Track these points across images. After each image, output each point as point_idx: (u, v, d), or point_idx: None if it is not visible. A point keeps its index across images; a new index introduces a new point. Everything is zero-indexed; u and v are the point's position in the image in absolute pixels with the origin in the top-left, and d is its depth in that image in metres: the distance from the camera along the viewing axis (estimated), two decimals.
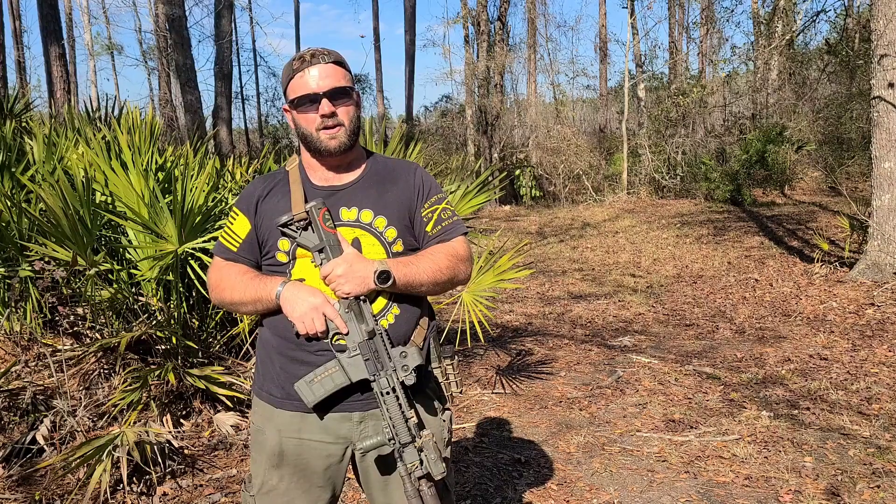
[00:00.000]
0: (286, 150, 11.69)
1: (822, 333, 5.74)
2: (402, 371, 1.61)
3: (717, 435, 3.80)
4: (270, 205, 1.74)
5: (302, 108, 1.67)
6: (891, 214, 7.13)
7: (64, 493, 3.05)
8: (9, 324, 3.98)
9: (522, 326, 6.56)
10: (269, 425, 1.76)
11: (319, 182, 1.75)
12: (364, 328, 1.62)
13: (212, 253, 1.83)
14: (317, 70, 1.65)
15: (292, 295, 1.63)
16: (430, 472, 1.60)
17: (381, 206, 1.72)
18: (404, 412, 1.60)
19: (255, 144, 25.05)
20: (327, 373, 1.63)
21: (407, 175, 1.78)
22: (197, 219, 3.74)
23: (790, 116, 16.36)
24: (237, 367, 4.13)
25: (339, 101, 1.67)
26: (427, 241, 1.76)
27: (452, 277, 1.75)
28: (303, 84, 1.65)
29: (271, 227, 1.70)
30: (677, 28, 21.01)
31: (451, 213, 1.79)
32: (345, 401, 1.68)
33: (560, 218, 14.71)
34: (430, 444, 1.60)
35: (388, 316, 1.68)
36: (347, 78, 1.70)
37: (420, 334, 1.72)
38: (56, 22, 12.22)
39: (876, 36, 7.10)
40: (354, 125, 1.69)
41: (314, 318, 1.61)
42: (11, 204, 3.78)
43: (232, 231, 1.77)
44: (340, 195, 1.73)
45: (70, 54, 23.59)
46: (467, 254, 1.80)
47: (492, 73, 19.38)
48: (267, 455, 1.75)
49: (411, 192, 1.76)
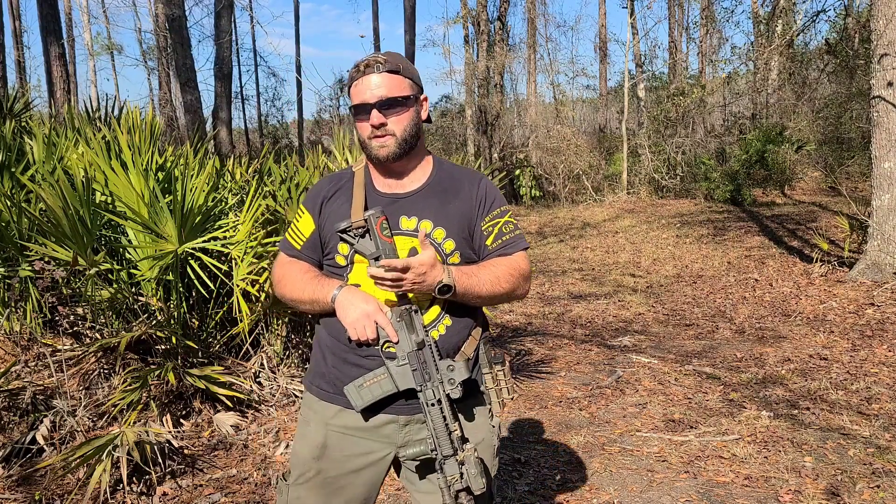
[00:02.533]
0: (286, 150, 11.69)
1: (822, 333, 5.74)
2: (449, 384, 1.63)
3: (716, 435, 3.80)
4: (333, 207, 1.76)
5: (358, 117, 1.69)
6: (891, 214, 7.13)
7: (64, 493, 3.05)
8: (9, 324, 3.98)
9: (522, 326, 6.56)
10: (315, 417, 1.79)
11: (382, 188, 1.76)
12: (414, 339, 1.64)
13: (278, 249, 1.89)
14: (370, 80, 1.66)
15: (346, 300, 1.66)
16: (470, 486, 1.62)
17: (442, 218, 1.71)
18: (448, 425, 1.63)
19: (255, 144, 25.06)
20: (376, 379, 1.66)
21: (471, 186, 1.77)
22: (197, 219, 3.74)
23: (790, 116, 16.36)
24: (237, 367, 4.14)
25: (391, 111, 1.66)
26: (486, 254, 1.76)
27: (511, 292, 1.75)
28: (357, 93, 1.67)
29: (332, 229, 1.72)
30: (677, 28, 21.02)
31: (513, 227, 1.78)
32: (391, 405, 1.71)
33: (560, 218, 14.72)
34: (472, 459, 1.62)
35: (440, 327, 1.70)
36: (404, 86, 1.68)
37: (471, 345, 1.73)
38: (56, 22, 12.22)
39: (876, 36, 7.10)
40: (408, 133, 1.69)
41: (366, 325, 1.64)
42: (11, 204, 3.78)
43: (297, 229, 1.81)
44: (402, 203, 1.73)
45: (70, 54, 23.58)
46: (528, 269, 1.79)
47: (492, 73, 19.39)
48: (309, 447, 1.78)
49: (473, 203, 1.75)
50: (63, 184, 3.52)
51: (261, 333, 4.23)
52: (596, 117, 28.35)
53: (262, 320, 4.17)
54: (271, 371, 4.21)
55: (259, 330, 4.21)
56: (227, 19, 16.15)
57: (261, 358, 4.22)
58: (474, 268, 1.71)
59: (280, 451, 3.57)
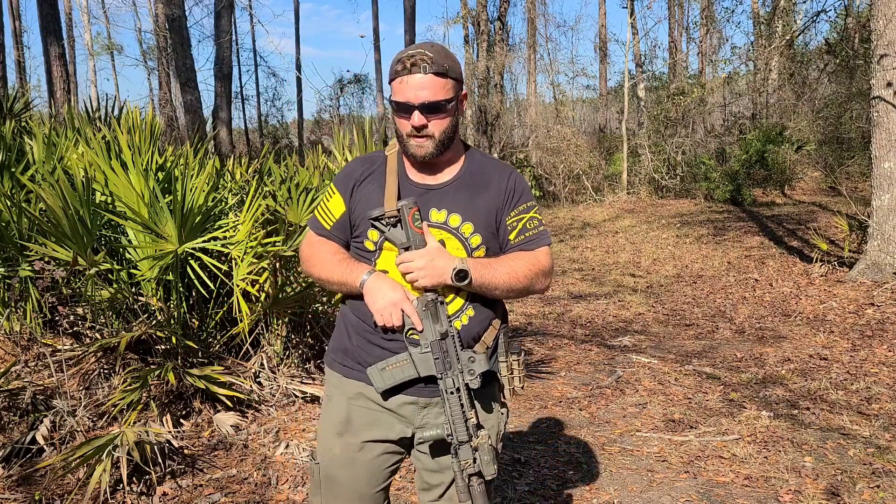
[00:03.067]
0: (286, 150, 11.68)
1: (822, 333, 5.74)
2: (469, 375, 1.67)
3: (716, 435, 3.80)
4: (366, 192, 1.77)
5: (398, 113, 1.68)
6: (891, 214, 7.13)
7: (64, 493, 3.05)
8: (9, 324, 3.98)
9: (522, 326, 6.56)
10: (337, 392, 1.84)
11: (415, 177, 1.77)
12: (438, 328, 1.68)
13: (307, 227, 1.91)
14: (416, 79, 1.63)
15: (375, 287, 1.69)
16: (482, 471, 1.68)
17: (471, 212, 1.73)
18: (465, 412, 1.67)
19: (255, 144, 25.06)
20: (398, 364, 1.71)
21: (500, 180, 1.78)
22: (197, 219, 3.74)
23: (790, 116, 16.35)
24: (237, 367, 4.13)
25: (433, 115, 1.66)
26: (509, 248, 1.78)
27: (529, 286, 1.77)
28: (401, 90, 1.65)
29: (364, 214, 1.74)
30: (677, 28, 21.02)
31: (537, 223, 1.80)
32: (412, 387, 1.75)
33: (560, 218, 14.72)
34: (486, 446, 1.68)
35: (463, 317, 1.73)
36: (448, 88, 1.66)
37: (491, 334, 1.78)
38: (56, 22, 12.22)
39: (876, 36, 7.10)
40: (446, 136, 1.70)
41: (392, 312, 1.67)
42: (11, 204, 3.78)
43: (327, 208, 1.82)
44: (432, 195, 1.75)
45: (70, 54, 23.59)
46: (549, 266, 1.81)
47: (492, 73, 19.39)
48: (333, 422, 1.83)
49: (501, 197, 1.76)
50: (63, 184, 3.52)
51: (261, 333, 4.23)
52: (596, 117, 28.35)
53: (262, 320, 4.17)
54: (271, 371, 4.21)
55: (259, 330, 4.21)
56: (227, 19, 16.15)
57: (261, 358, 4.22)
58: (492, 260, 1.73)
59: (280, 451, 3.56)
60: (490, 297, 1.75)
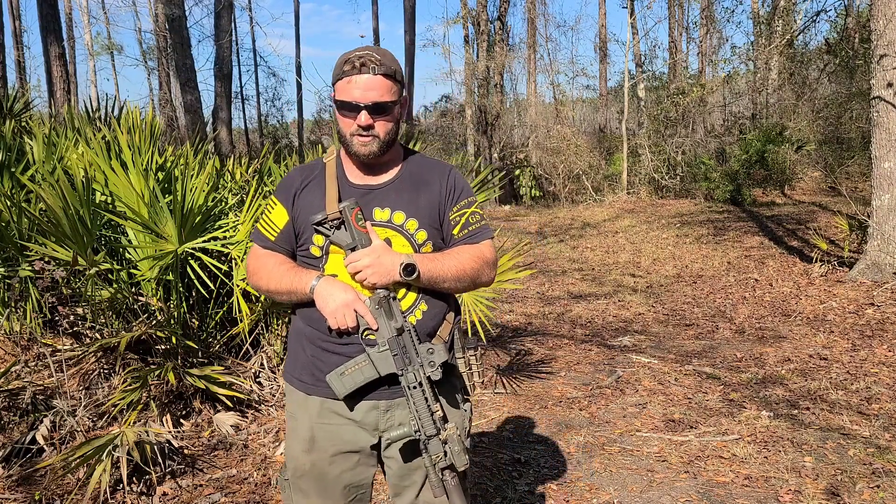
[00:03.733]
0: (286, 150, 11.68)
1: (822, 333, 5.74)
2: (429, 367, 1.67)
3: (716, 435, 3.80)
4: (307, 199, 1.77)
5: (343, 112, 1.69)
6: (890, 214, 7.13)
7: (64, 493, 3.05)
8: (9, 324, 3.98)
9: (522, 326, 6.56)
10: (300, 411, 1.82)
11: (355, 179, 1.78)
12: (393, 325, 1.67)
13: (251, 239, 1.93)
14: (365, 80, 1.65)
15: (325, 290, 1.69)
16: (454, 463, 1.66)
17: (414, 209, 1.75)
18: (430, 406, 1.67)
19: (254, 144, 25.06)
20: (357, 366, 1.69)
21: (441, 177, 1.81)
22: (197, 219, 3.74)
23: (790, 116, 16.34)
24: (237, 367, 4.14)
25: (379, 116, 1.68)
26: (453, 243, 1.80)
27: (475, 278, 1.79)
28: (348, 90, 1.66)
29: (307, 221, 1.74)
30: (677, 28, 21.01)
31: (479, 218, 1.83)
32: (373, 391, 1.74)
33: (560, 218, 14.72)
34: (455, 437, 1.66)
35: (416, 312, 1.74)
36: (394, 90, 1.69)
37: (446, 329, 1.78)
38: (56, 22, 12.21)
39: (876, 36, 7.10)
40: (390, 137, 1.72)
41: (346, 313, 1.67)
42: (11, 204, 3.78)
43: (270, 220, 1.82)
44: (374, 195, 1.76)
45: (70, 54, 23.59)
46: (493, 258, 1.83)
47: (492, 73, 19.39)
48: (299, 441, 1.82)
49: (443, 194, 1.79)
50: (63, 184, 3.52)
51: (261, 333, 4.23)
52: (596, 117, 28.34)
53: (262, 320, 4.17)
54: (271, 371, 4.21)
55: (259, 330, 4.21)
56: (227, 19, 16.15)
57: (261, 358, 4.22)
58: (439, 254, 1.75)
59: (280, 451, 3.56)
60: (439, 290, 1.76)
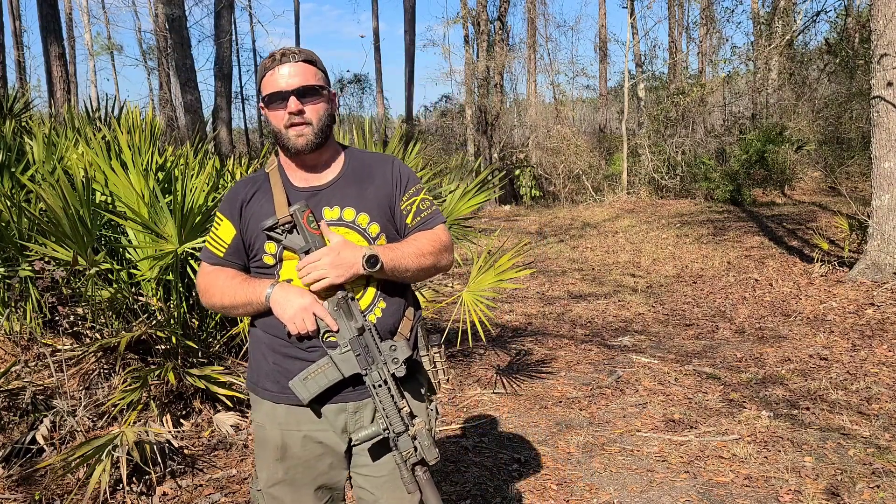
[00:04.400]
0: None
1: (822, 333, 5.74)
2: (393, 364, 1.66)
3: (717, 435, 3.80)
4: (254, 209, 1.75)
5: (272, 106, 1.69)
6: (890, 214, 7.13)
7: (64, 493, 3.05)
8: (9, 324, 3.98)
9: (522, 326, 6.56)
10: (268, 421, 1.79)
11: (300, 183, 1.77)
12: (353, 325, 1.66)
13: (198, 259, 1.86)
14: (287, 68, 1.67)
15: (282, 297, 1.67)
16: (425, 457, 1.66)
17: (363, 203, 1.74)
18: (396, 403, 1.66)
19: (254, 144, 25.07)
20: (320, 369, 1.68)
21: (384, 169, 1.80)
22: (197, 219, 3.74)
23: (790, 116, 16.35)
24: (237, 367, 4.13)
25: (308, 100, 1.68)
26: (408, 231, 1.80)
27: (435, 263, 1.78)
28: (273, 82, 1.68)
29: (257, 230, 1.72)
30: (677, 28, 21.01)
31: (429, 204, 1.82)
32: (339, 393, 1.72)
33: (560, 218, 14.72)
34: (423, 432, 1.66)
35: (376, 310, 1.72)
36: (319, 77, 1.71)
37: (406, 325, 1.77)
38: (56, 22, 12.21)
39: (876, 36, 7.10)
40: (323, 123, 1.71)
41: (304, 318, 1.65)
42: (11, 204, 3.78)
43: (217, 236, 1.79)
44: (322, 195, 1.75)
45: (70, 54, 23.59)
46: (449, 241, 1.83)
47: (492, 73, 19.39)
48: (270, 449, 1.79)
49: (390, 185, 1.78)
50: (63, 184, 3.52)
51: None
52: (596, 117, 28.34)
53: None
54: None
55: None
56: (227, 19, 16.15)
57: None
58: (397, 244, 1.75)
59: None
60: (402, 280, 1.75)
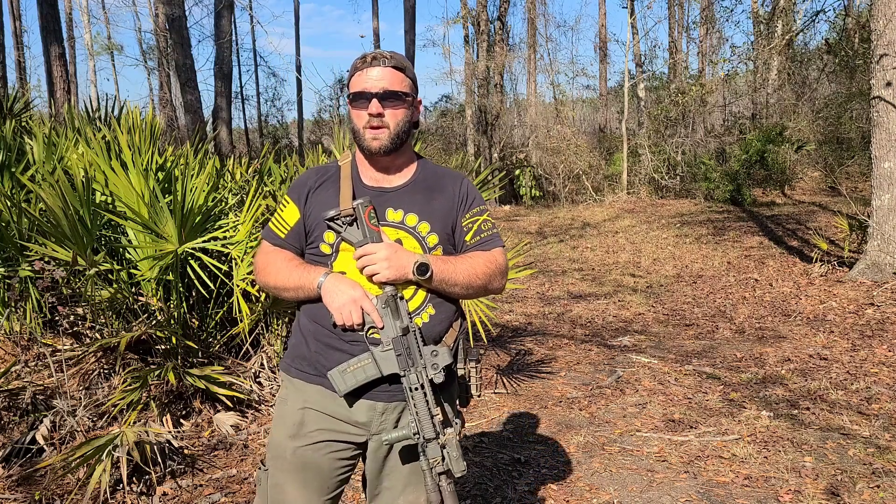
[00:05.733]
0: (286, 150, 11.68)
1: (822, 333, 5.74)
2: (432, 369, 1.66)
3: (717, 435, 3.80)
4: (320, 197, 1.79)
5: (355, 105, 1.74)
6: (890, 214, 7.13)
7: (64, 493, 3.05)
8: (9, 324, 3.98)
9: (522, 326, 6.56)
10: (293, 396, 1.81)
11: (369, 181, 1.80)
12: (399, 324, 1.67)
13: (260, 238, 1.91)
14: (376, 71, 1.72)
15: (333, 286, 1.69)
16: (452, 468, 1.65)
17: (427, 213, 1.77)
18: (430, 409, 1.66)
19: (255, 144, 25.07)
20: (360, 364, 1.69)
21: (453, 185, 1.84)
22: (197, 219, 3.74)
23: (790, 116, 16.35)
24: (237, 367, 4.13)
25: (389, 104, 1.72)
26: (465, 249, 1.82)
27: (486, 284, 1.80)
28: (360, 82, 1.73)
29: (319, 218, 1.76)
30: (677, 28, 21.01)
31: (490, 226, 1.85)
32: (373, 390, 1.73)
33: (560, 218, 14.71)
34: (454, 442, 1.65)
35: (423, 315, 1.73)
36: (405, 83, 1.75)
37: (452, 335, 1.77)
38: (56, 22, 12.21)
39: (875, 36, 7.10)
40: (401, 129, 1.74)
41: (352, 310, 1.67)
42: (11, 204, 3.78)
43: (282, 218, 1.83)
44: (388, 196, 1.78)
45: (70, 54, 23.59)
46: (505, 265, 1.85)
47: (492, 73, 19.39)
48: (286, 426, 1.80)
49: (455, 201, 1.81)
50: (63, 184, 3.52)
51: (261, 333, 4.23)
52: (596, 117, 28.34)
53: (262, 320, 4.17)
54: (271, 371, 4.21)
55: (259, 330, 4.21)
56: (227, 19, 16.15)
57: (261, 358, 4.22)
58: (451, 257, 1.76)
59: None
60: (449, 294, 1.76)
